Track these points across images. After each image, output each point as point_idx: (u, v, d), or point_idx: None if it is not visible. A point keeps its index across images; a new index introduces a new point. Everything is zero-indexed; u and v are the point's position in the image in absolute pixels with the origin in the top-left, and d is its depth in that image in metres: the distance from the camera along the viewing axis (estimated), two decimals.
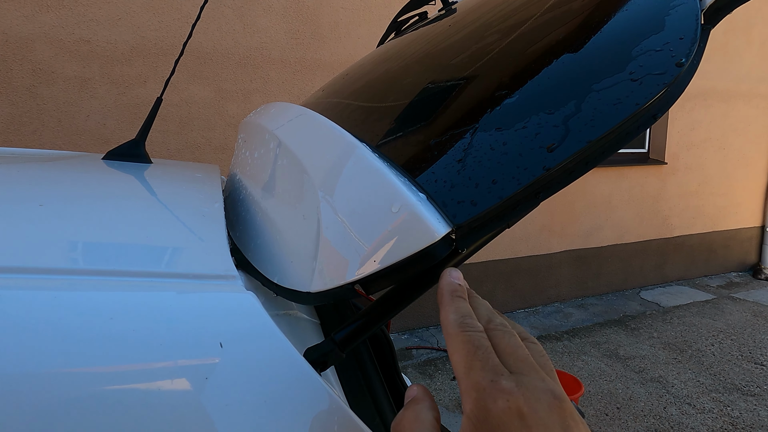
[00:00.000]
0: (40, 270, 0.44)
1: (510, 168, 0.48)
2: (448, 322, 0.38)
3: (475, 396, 0.32)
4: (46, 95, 2.94)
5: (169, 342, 0.41)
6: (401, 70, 0.78)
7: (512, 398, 0.31)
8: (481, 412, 0.31)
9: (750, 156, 5.72)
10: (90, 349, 0.39)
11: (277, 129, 0.70)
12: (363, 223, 0.49)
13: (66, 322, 0.39)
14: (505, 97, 0.54)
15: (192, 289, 0.46)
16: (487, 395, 0.32)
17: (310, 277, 0.51)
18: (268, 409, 0.42)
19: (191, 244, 0.56)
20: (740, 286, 5.38)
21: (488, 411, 0.31)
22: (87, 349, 0.39)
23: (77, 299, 0.41)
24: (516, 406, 0.31)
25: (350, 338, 0.50)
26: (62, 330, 0.39)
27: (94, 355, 0.39)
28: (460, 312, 0.39)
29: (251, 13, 3.35)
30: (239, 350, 0.43)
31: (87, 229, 0.54)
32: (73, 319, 0.40)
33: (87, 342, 0.39)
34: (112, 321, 0.40)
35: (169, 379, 0.40)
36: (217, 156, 3.38)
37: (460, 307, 0.39)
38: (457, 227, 0.46)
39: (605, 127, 0.47)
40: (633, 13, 0.56)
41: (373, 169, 0.50)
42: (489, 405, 0.31)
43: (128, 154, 0.97)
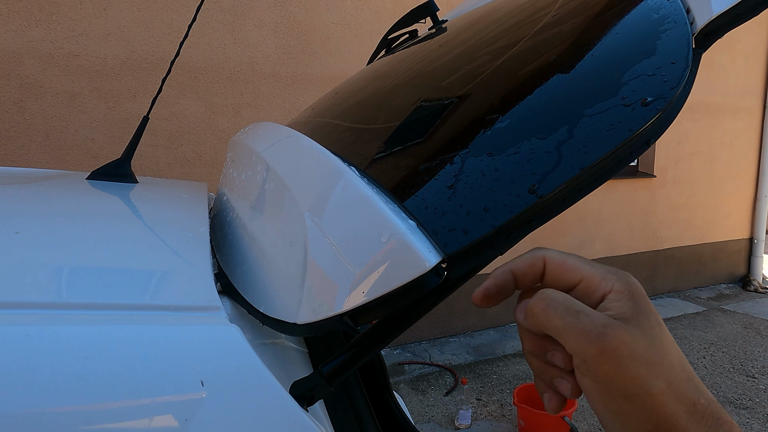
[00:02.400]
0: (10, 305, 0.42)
1: (502, 195, 0.47)
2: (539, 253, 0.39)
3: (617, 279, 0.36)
4: (34, 110, 2.91)
5: (147, 380, 0.39)
6: (391, 90, 0.78)
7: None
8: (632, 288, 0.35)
9: (737, 169, 5.79)
10: (62, 390, 0.37)
11: (265, 151, 0.69)
12: (351, 252, 0.47)
13: (37, 361, 0.37)
14: (497, 122, 0.53)
15: (173, 322, 0.44)
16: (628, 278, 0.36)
17: (297, 308, 0.49)
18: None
19: (173, 272, 0.54)
20: (730, 297, 5.41)
21: (636, 288, 0.36)
22: (59, 390, 0.37)
23: (50, 335, 0.39)
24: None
25: (339, 371, 0.48)
26: (33, 369, 0.37)
27: (67, 396, 0.37)
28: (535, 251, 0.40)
29: (242, 28, 3.35)
30: (222, 388, 0.41)
31: (63, 258, 0.52)
32: (45, 358, 0.38)
33: (59, 383, 0.37)
34: (86, 360, 0.38)
35: (147, 419, 0.38)
36: (207, 171, 3.35)
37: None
38: (449, 257, 0.45)
39: (598, 154, 0.46)
40: (624, 38, 0.55)
41: (362, 195, 0.49)
42: (632, 282, 0.36)
43: (114, 174, 0.95)
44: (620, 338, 0.33)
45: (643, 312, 0.34)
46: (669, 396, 0.33)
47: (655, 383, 0.33)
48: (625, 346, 0.33)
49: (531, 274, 0.39)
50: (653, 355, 0.33)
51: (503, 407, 3.21)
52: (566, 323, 0.34)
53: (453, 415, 3.10)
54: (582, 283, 0.37)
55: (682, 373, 0.34)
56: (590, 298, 0.36)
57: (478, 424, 3.04)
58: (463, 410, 3.01)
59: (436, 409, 3.20)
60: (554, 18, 0.65)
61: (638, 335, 0.33)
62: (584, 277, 0.37)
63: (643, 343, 0.33)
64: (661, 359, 0.33)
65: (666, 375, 0.33)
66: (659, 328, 0.34)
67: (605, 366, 0.33)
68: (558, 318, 0.35)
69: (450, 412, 3.16)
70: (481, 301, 0.39)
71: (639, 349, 0.33)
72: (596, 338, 0.33)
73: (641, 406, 0.33)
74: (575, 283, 0.37)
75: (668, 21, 0.54)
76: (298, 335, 0.50)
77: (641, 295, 0.35)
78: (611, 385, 0.33)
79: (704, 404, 0.33)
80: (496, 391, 3.40)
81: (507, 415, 3.12)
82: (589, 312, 0.34)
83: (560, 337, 0.35)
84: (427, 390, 3.42)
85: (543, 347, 0.38)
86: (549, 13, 0.67)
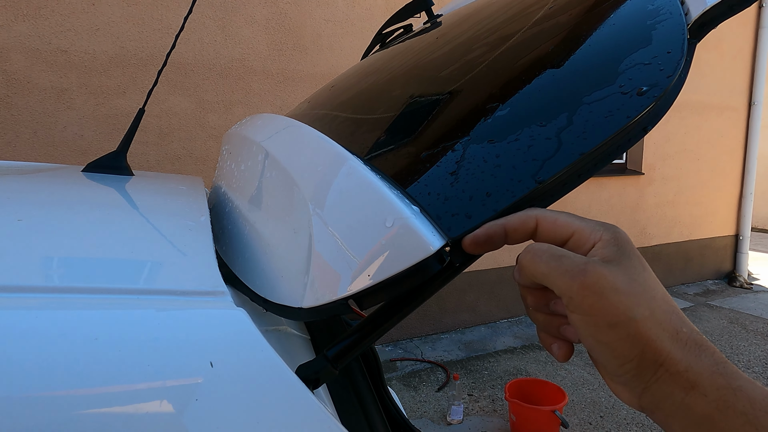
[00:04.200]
0: (20, 288, 0.42)
1: (504, 180, 0.48)
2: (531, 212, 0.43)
3: (604, 229, 0.39)
4: (21, 105, 2.87)
5: (157, 362, 0.39)
6: (390, 81, 0.78)
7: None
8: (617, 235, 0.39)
9: (723, 166, 5.87)
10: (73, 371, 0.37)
11: (265, 141, 0.69)
12: (356, 237, 0.48)
13: (48, 344, 0.38)
14: (497, 110, 0.54)
15: (180, 306, 0.45)
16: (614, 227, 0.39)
17: (302, 293, 0.49)
18: (262, 430, 0.40)
19: (178, 259, 0.54)
20: (716, 293, 5.49)
21: (620, 234, 0.39)
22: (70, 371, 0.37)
23: (59, 319, 0.40)
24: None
25: (343, 354, 0.49)
26: (44, 352, 0.37)
27: (77, 377, 0.37)
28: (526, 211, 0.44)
29: (233, 24, 3.34)
30: (230, 369, 0.42)
31: (68, 244, 0.52)
32: (56, 340, 0.38)
33: (70, 364, 0.37)
34: (96, 341, 0.39)
35: (157, 401, 0.38)
36: (198, 167, 3.34)
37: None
38: (452, 241, 0.46)
39: (597, 140, 0.47)
40: (621, 28, 0.57)
41: (366, 181, 0.50)
42: (618, 231, 0.39)
43: (109, 166, 0.94)
44: (600, 273, 0.36)
45: (626, 255, 0.38)
46: (652, 322, 0.35)
47: (637, 311, 0.35)
48: (605, 279, 0.36)
49: (522, 231, 0.42)
50: (634, 288, 0.36)
51: (495, 402, 3.23)
52: (551, 267, 0.38)
53: (445, 410, 3.12)
54: (574, 237, 0.40)
55: (664, 304, 0.36)
56: (582, 248, 0.39)
57: (470, 419, 3.06)
58: (455, 406, 3.03)
59: (428, 405, 3.21)
60: (551, 10, 0.66)
61: (618, 272, 0.36)
62: (575, 231, 0.40)
63: (624, 278, 0.36)
64: (642, 291, 0.36)
65: (648, 304, 0.36)
66: (641, 267, 0.38)
67: (589, 298, 0.36)
68: (544, 264, 0.38)
69: (442, 407, 3.18)
70: (469, 246, 0.43)
71: (619, 282, 0.36)
72: (578, 274, 0.36)
73: (626, 333, 0.35)
74: (567, 237, 0.40)
75: (663, 12, 0.56)
76: (304, 320, 0.50)
77: (626, 242, 0.39)
78: (597, 317, 0.36)
79: (686, 332, 0.35)
80: (487, 387, 3.43)
81: (498, 410, 3.14)
82: (571, 255, 0.38)
83: (548, 281, 0.38)
84: (419, 386, 3.44)
85: (545, 299, 0.41)
86: (545, 5, 0.69)
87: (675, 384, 0.34)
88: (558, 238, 0.41)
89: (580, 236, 0.40)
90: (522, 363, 3.77)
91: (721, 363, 0.34)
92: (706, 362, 0.34)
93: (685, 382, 0.34)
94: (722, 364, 0.34)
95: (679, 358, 0.34)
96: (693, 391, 0.34)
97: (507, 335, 4.27)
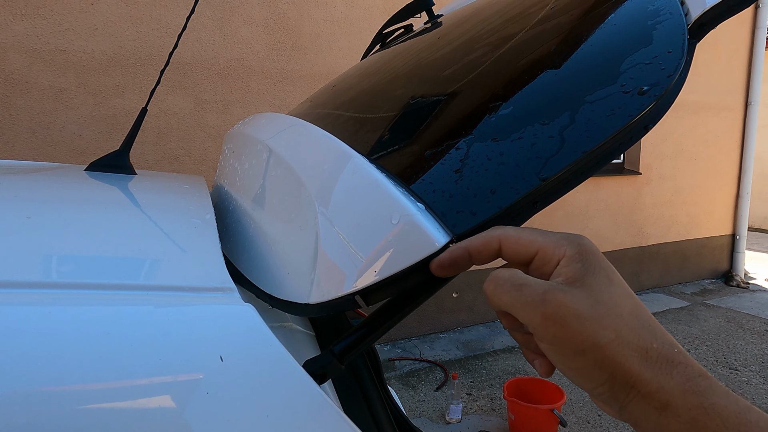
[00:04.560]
0: (33, 284, 0.42)
1: (508, 178, 0.49)
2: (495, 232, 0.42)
3: (569, 242, 0.38)
4: (20, 105, 2.87)
5: (169, 356, 0.40)
6: (393, 81, 0.79)
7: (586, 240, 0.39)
8: (582, 249, 0.38)
9: (720, 166, 5.90)
10: (86, 365, 0.38)
11: (270, 139, 0.70)
12: (362, 234, 0.49)
13: (61, 339, 0.38)
14: (500, 109, 0.55)
15: (190, 302, 0.45)
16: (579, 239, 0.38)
17: (309, 289, 0.50)
18: (270, 423, 0.41)
19: (186, 255, 0.55)
20: (713, 293, 5.52)
21: (586, 248, 0.38)
22: (83, 365, 0.38)
23: (72, 314, 0.40)
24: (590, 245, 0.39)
25: (349, 349, 0.50)
26: (56, 346, 0.38)
27: (90, 371, 0.38)
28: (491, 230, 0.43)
29: (232, 24, 3.34)
30: (240, 364, 0.42)
31: (78, 242, 0.52)
32: (69, 335, 0.38)
33: (83, 358, 0.38)
34: (108, 336, 0.39)
35: (169, 394, 0.39)
36: (196, 167, 3.34)
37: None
38: (457, 237, 0.47)
39: (599, 138, 0.48)
40: (622, 28, 0.57)
41: (372, 179, 0.50)
42: (584, 244, 0.38)
43: (112, 165, 0.95)
44: (560, 301, 0.35)
45: (591, 271, 0.37)
46: (618, 345, 0.34)
47: (602, 335, 0.34)
48: (566, 308, 0.35)
49: (486, 252, 0.41)
50: (597, 311, 0.35)
51: (493, 401, 3.24)
52: (512, 297, 0.37)
53: (444, 409, 3.13)
54: (538, 254, 0.39)
55: (633, 321, 0.35)
56: (548, 266, 0.39)
57: (468, 418, 3.07)
58: (454, 405, 3.04)
59: (426, 405, 3.22)
60: (553, 10, 0.67)
61: (579, 295, 0.35)
62: (539, 248, 0.39)
63: (587, 301, 0.35)
64: (607, 312, 0.35)
65: (613, 325, 0.35)
66: (607, 282, 0.37)
67: (551, 329, 0.35)
68: (505, 294, 0.38)
69: (440, 407, 3.18)
70: (436, 269, 0.43)
71: (581, 307, 0.35)
72: (538, 305, 0.35)
73: (594, 359, 0.34)
74: (532, 255, 0.39)
75: (664, 12, 0.57)
76: (310, 315, 0.51)
77: (591, 255, 0.38)
78: (562, 345, 0.35)
79: (657, 349, 0.34)
80: (486, 386, 3.44)
81: (497, 409, 3.15)
82: (532, 282, 0.37)
83: (512, 312, 0.38)
84: (418, 386, 3.45)
85: (518, 321, 0.40)
86: (547, 6, 0.69)
87: (648, 404, 0.34)
88: (522, 257, 0.40)
89: (544, 253, 0.39)
90: (520, 362, 3.78)
91: (693, 378, 0.33)
92: (677, 380, 0.33)
93: (657, 403, 0.33)
94: (695, 379, 0.33)
95: (650, 378, 0.34)
96: (666, 412, 0.33)
97: (505, 334, 4.28)
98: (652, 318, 0.37)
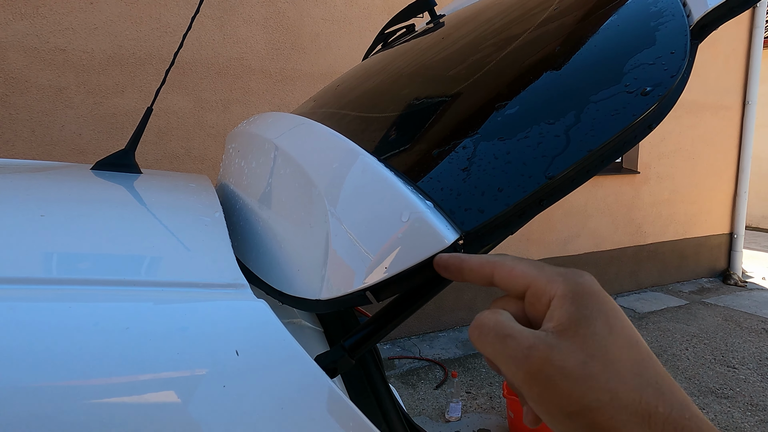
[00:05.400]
0: (52, 281, 0.43)
1: (515, 176, 0.50)
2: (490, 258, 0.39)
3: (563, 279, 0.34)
4: (20, 104, 2.87)
5: (186, 351, 0.41)
6: (399, 80, 0.80)
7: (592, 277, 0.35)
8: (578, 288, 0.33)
9: (717, 165, 5.92)
10: (105, 359, 0.39)
11: (278, 138, 0.71)
12: (372, 231, 0.50)
13: (81, 333, 0.39)
14: (506, 108, 0.56)
15: (204, 298, 0.46)
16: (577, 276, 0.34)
17: (320, 285, 0.51)
18: (285, 416, 0.42)
19: (198, 253, 0.56)
20: (711, 291, 5.54)
21: (583, 287, 0.34)
22: (103, 360, 0.39)
23: (92, 310, 0.41)
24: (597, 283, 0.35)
25: (360, 344, 0.51)
26: (77, 341, 0.39)
27: (110, 365, 0.39)
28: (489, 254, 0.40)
29: (231, 24, 3.34)
30: (254, 358, 0.43)
31: (93, 239, 0.53)
32: (89, 330, 0.39)
33: (102, 352, 0.39)
34: (127, 331, 0.40)
35: (187, 388, 0.40)
36: (196, 166, 3.34)
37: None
38: (466, 234, 0.48)
39: (605, 137, 0.49)
40: (625, 29, 0.58)
41: (382, 177, 0.51)
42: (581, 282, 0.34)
43: (118, 164, 0.96)
44: (546, 358, 0.31)
45: (585, 317, 0.32)
46: (614, 409, 0.30)
47: (594, 397, 0.30)
48: (552, 365, 0.31)
49: (478, 274, 0.39)
50: (589, 369, 0.31)
51: (492, 400, 3.26)
52: (496, 350, 0.33)
53: (443, 408, 3.14)
54: (530, 289, 0.36)
55: (634, 379, 0.30)
56: (540, 303, 0.35)
57: (468, 416, 3.08)
58: (453, 403, 3.06)
59: (426, 403, 3.23)
60: (556, 11, 0.68)
61: (569, 349, 0.31)
62: (530, 283, 0.36)
63: (577, 357, 0.31)
64: (602, 369, 0.31)
65: (609, 385, 0.30)
66: (606, 331, 0.32)
67: (536, 388, 0.32)
68: (489, 345, 0.34)
69: (440, 405, 3.20)
70: (435, 265, 0.43)
71: (570, 365, 0.31)
72: (522, 362, 0.32)
73: (584, 423, 0.30)
74: (523, 289, 0.36)
75: (666, 13, 0.58)
76: (321, 311, 0.52)
77: (587, 296, 0.33)
78: (549, 406, 0.31)
79: (663, 413, 0.29)
80: (485, 384, 3.45)
81: (496, 408, 3.17)
82: (517, 334, 0.33)
83: (495, 364, 0.34)
84: (417, 384, 3.46)
85: None
86: (550, 7, 0.70)
87: None
88: (514, 290, 0.37)
89: (535, 289, 0.35)
90: None
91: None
92: None
93: None
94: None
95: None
96: None
97: None
98: (662, 373, 0.31)
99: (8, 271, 0.43)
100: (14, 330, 0.37)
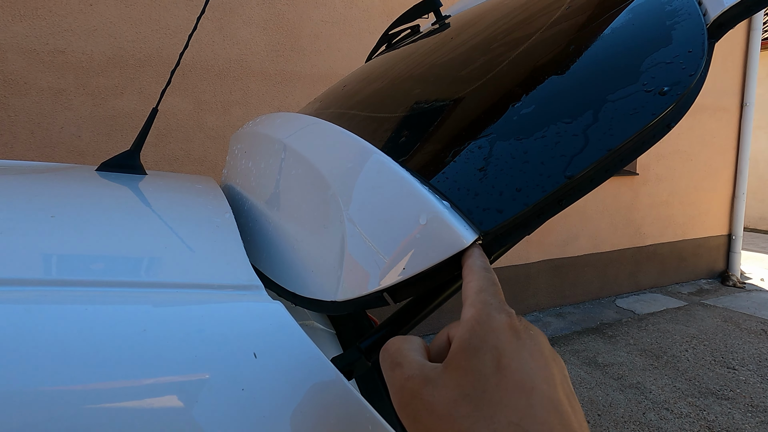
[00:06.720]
0: (69, 282, 0.42)
1: (533, 176, 0.49)
2: (475, 266, 0.40)
3: (480, 307, 0.34)
4: (18, 106, 2.86)
5: (204, 353, 0.40)
6: (409, 80, 0.79)
7: (513, 317, 0.33)
8: (483, 317, 0.33)
9: (716, 167, 5.94)
10: (123, 361, 0.38)
11: (288, 138, 0.70)
12: (389, 231, 0.49)
13: (99, 335, 0.38)
14: (522, 108, 0.56)
15: (221, 300, 0.46)
16: (493, 309, 0.34)
17: (336, 287, 0.50)
18: (303, 417, 0.41)
19: (212, 254, 0.55)
20: (710, 292, 5.55)
21: (490, 318, 0.33)
22: (120, 361, 0.38)
23: (108, 312, 0.40)
24: (514, 323, 0.33)
25: (376, 346, 0.50)
26: (95, 343, 0.38)
27: (128, 367, 0.38)
28: (486, 266, 0.41)
29: (231, 25, 3.34)
30: (272, 360, 0.42)
31: (106, 240, 0.52)
32: (106, 332, 0.39)
33: (120, 354, 0.38)
34: (145, 333, 0.39)
35: (206, 390, 0.39)
36: (196, 168, 3.33)
37: (486, 265, 0.41)
38: (484, 234, 0.47)
39: (624, 136, 0.49)
40: (641, 28, 0.58)
41: (398, 177, 0.51)
42: (493, 314, 0.33)
43: (123, 165, 0.95)
44: (416, 392, 0.31)
45: (474, 348, 0.31)
46: None
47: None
48: (420, 400, 0.30)
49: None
50: (457, 408, 0.29)
51: None
52: (386, 376, 0.34)
53: None
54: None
55: (508, 428, 0.28)
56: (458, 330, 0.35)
57: None
58: None
59: None
60: (570, 10, 0.67)
61: (444, 385, 0.30)
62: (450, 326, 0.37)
63: (448, 394, 0.30)
64: (470, 411, 0.29)
65: (474, 429, 0.28)
66: (491, 370, 0.30)
67: (405, 420, 0.32)
68: (384, 370, 0.35)
69: None
70: None
71: (437, 401, 0.30)
72: (398, 392, 0.32)
73: None
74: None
75: (682, 12, 0.57)
76: (337, 313, 0.51)
77: (487, 328, 0.32)
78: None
79: None
80: None
81: None
82: (406, 364, 0.33)
83: None
84: None
85: None
86: (563, 6, 0.70)
87: None
88: None
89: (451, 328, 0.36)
90: None
91: None
92: None
93: None
94: None
95: None
96: None
97: None
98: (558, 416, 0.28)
99: (24, 273, 0.42)
100: (31, 332, 0.37)
